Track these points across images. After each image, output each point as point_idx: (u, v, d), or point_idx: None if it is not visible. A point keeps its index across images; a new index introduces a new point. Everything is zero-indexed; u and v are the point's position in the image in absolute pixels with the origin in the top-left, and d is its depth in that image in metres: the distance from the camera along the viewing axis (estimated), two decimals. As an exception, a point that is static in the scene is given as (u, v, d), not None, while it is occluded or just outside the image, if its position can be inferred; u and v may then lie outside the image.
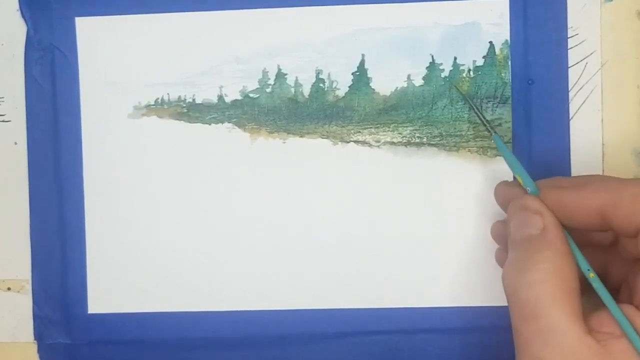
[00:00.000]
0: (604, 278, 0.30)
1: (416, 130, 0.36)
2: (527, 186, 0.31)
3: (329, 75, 0.36)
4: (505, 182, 0.33)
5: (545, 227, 0.29)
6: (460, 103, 0.35)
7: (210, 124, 0.36)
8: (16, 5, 0.37)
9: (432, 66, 0.36)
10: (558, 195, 0.29)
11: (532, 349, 0.27)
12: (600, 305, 0.28)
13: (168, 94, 0.36)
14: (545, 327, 0.26)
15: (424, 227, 0.36)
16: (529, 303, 0.27)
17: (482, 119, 0.34)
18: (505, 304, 0.29)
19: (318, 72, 0.36)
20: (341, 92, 0.36)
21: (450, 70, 0.35)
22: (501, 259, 0.34)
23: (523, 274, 0.28)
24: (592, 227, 0.28)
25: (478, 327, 0.35)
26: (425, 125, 0.36)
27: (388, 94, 0.36)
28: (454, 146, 0.35)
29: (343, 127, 0.36)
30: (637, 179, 0.28)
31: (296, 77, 0.36)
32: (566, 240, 0.29)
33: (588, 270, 0.29)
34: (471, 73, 0.35)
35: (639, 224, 0.27)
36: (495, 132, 0.33)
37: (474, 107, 0.34)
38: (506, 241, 0.31)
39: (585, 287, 0.28)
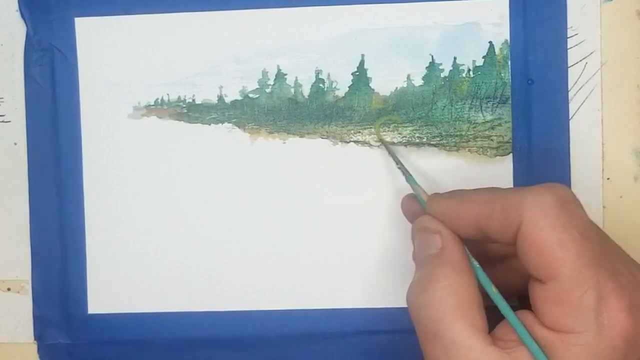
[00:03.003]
0: (509, 289, 0.30)
1: (416, 130, 0.36)
2: (420, 198, 0.32)
3: (328, 75, 0.36)
4: (408, 196, 0.33)
5: (443, 246, 0.29)
6: (460, 103, 0.35)
7: (210, 124, 0.36)
8: (15, 6, 0.37)
9: (432, 66, 0.36)
10: (439, 206, 0.30)
11: None
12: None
13: (168, 94, 0.36)
14: (449, 344, 0.27)
15: (424, 227, 0.36)
16: (431, 322, 0.27)
17: (395, 160, 0.34)
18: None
19: (318, 72, 0.36)
20: (341, 92, 0.36)
21: (450, 70, 0.35)
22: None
23: (424, 293, 0.28)
24: (473, 238, 0.29)
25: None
26: (425, 125, 0.36)
27: (388, 94, 0.36)
28: (454, 146, 0.35)
29: (343, 127, 0.36)
30: (511, 188, 0.28)
31: (296, 77, 0.36)
32: (465, 257, 0.29)
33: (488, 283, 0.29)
34: (471, 73, 0.35)
35: (511, 234, 0.27)
36: (411, 178, 0.33)
37: (387, 148, 0.35)
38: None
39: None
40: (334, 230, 0.36)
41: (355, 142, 0.36)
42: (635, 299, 0.26)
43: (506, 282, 0.30)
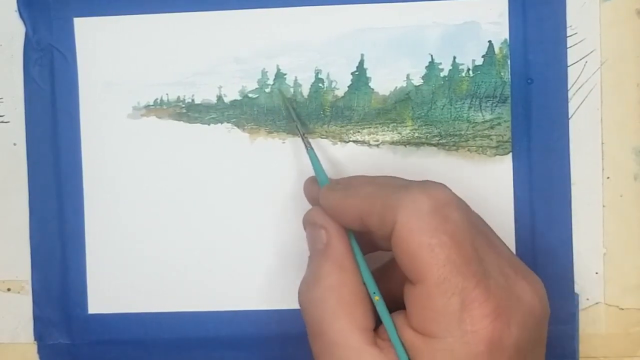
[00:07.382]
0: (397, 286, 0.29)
1: (415, 129, 0.36)
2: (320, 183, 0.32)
3: (328, 75, 0.36)
4: (311, 179, 0.33)
5: (328, 242, 0.29)
6: (459, 102, 0.35)
7: (209, 124, 0.36)
8: (15, 6, 0.37)
9: (432, 65, 0.36)
10: (328, 198, 0.29)
11: None
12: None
13: (167, 94, 0.36)
14: (329, 342, 0.27)
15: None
16: (315, 320, 0.28)
17: (295, 119, 0.34)
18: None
19: (317, 72, 0.36)
20: (340, 92, 0.36)
21: (450, 70, 0.35)
22: None
23: (309, 291, 0.28)
24: (360, 230, 0.28)
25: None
26: (425, 125, 0.36)
27: (387, 93, 0.36)
28: (453, 145, 0.35)
29: (342, 126, 0.36)
30: (397, 183, 0.28)
31: (295, 77, 0.36)
32: (349, 253, 0.29)
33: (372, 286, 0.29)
34: (470, 72, 0.35)
35: (387, 232, 0.26)
36: (306, 139, 0.33)
37: (291, 109, 0.35)
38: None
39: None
40: (334, 229, 0.36)
41: (354, 141, 0.36)
42: (502, 303, 0.25)
43: (392, 277, 0.30)
